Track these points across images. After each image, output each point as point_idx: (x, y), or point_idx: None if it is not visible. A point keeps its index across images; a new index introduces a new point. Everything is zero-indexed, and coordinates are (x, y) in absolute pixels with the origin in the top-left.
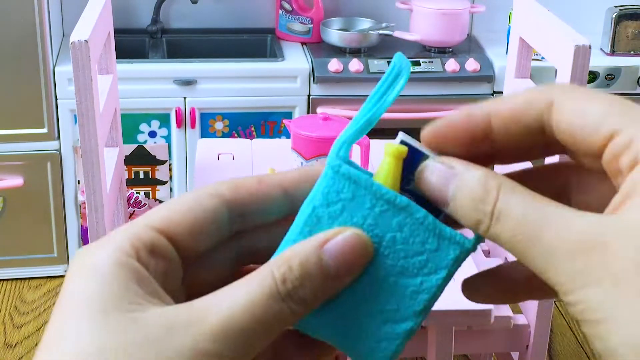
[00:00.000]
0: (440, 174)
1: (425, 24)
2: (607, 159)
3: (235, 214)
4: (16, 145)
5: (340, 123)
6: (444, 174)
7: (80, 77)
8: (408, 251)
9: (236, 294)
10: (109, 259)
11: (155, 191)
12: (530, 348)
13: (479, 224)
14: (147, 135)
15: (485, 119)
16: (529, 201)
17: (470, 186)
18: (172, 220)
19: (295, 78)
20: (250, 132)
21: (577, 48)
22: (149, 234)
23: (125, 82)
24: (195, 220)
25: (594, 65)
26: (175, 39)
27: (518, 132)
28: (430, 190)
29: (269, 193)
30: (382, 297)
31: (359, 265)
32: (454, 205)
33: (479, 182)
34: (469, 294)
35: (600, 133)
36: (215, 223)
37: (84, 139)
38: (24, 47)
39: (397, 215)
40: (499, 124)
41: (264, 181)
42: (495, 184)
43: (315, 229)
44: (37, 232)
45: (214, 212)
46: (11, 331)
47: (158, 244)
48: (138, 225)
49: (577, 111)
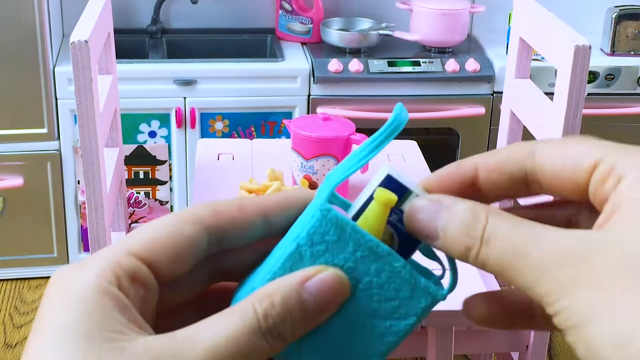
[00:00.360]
0: (429, 210)
1: (425, 24)
2: (592, 190)
3: (214, 239)
4: (16, 145)
5: (340, 123)
6: (433, 209)
7: (80, 77)
8: (382, 296)
9: (219, 327)
10: (91, 285)
11: (155, 191)
12: (530, 348)
13: (469, 250)
14: (147, 135)
15: (472, 169)
16: (517, 222)
17: (461, 216)
18: (153, 247)
19: (295, 78)
20: (250, 132)
21: (577, 48)
22: (130, 262)
23: (125, 82)
24: (175, 247)
25: (594, 65)
26: (175, 39)
27: (503, 180)
28: (419, 227)
29: (250, 219)
30: (351, 336)
31: (336, 304)
32: (444, 237)
33: (468, 211)
34: (468, 314)
35: (583, 167)
36: (195, 249)
37: (84, 139)
38: (24, 47)
39: (376, 261)
40: (485, 174)
41: (245, 207)
42: (484, 210)
43: (297, 265)
44: (37, 232)
45: (195, 239)
46: (11, 331)
47: (139, 272)
48: (119, 251)
49: (558, 154)
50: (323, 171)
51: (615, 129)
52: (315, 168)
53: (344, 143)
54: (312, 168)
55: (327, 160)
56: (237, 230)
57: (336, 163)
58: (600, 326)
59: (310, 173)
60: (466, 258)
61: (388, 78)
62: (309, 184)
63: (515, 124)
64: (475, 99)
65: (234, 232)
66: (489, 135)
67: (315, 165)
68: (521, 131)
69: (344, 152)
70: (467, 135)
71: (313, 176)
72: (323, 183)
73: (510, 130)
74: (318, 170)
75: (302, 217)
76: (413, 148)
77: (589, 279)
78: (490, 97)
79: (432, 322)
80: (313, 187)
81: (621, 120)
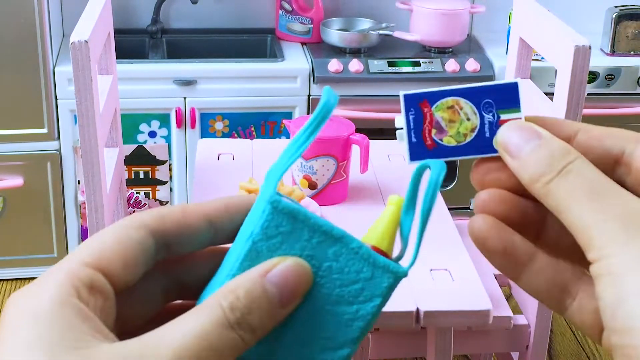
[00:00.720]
0: (526, 131)
1: (425, 24)
2: None
3: (160, 244)
4: (16, 145)
5: (339, 123)
6: (529, 132)
7: (80, 77)
8: (344, 280)
9: (187, 325)
10: (51, 299)
11: (155, 191)
12: (530, 348)
13: (542, 176)
14: (147, 136)
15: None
16: (599, 172)
17: (552, 147)
18: (104, 255)
19: (295, 78)
20: (250, 132)
21: (577, 48)
22: (86, 272)
23: (125, 82)
24: (126, 252)
25: (594, 65)
26: (175, 39)
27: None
28: (508, 141)
29: (194, 223)
30: (320, 326)
31: (301, 291)
32: (525, 158)
33: (561, 147)
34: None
35: None
36: (144, 253)
37: (84, 139)
38: (24, 47)
39: (333, 245)
40: (585, 138)
41: (188, 211)
42: (577, 153)
43: (255, 262)
44: (37, 232)
45: (142, 243)
46: None
47: (96, 281)
48: (73, 262)
49: None
50: (323, 171)
51: None
52: (314, 168)
53: (344, 143)
54: (311, 168)
55: (327, 160)
56: (182, 234)
57: (336, 163)
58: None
59: (310, 173)
60: (533, 183)
61: (388, 78)
62: (309, 184)
63: None
64: None
65: (180, 237)
66: None
67: (314, 166)
68: None
69: (344, 152)
70: None
71: (313, 176)
72: (265, 180)
73: None
74: (318, 171)
75: (250, 215)
76: None
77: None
78: None
79: (432, 322)
80: (313, 188)
81: (621, 121)
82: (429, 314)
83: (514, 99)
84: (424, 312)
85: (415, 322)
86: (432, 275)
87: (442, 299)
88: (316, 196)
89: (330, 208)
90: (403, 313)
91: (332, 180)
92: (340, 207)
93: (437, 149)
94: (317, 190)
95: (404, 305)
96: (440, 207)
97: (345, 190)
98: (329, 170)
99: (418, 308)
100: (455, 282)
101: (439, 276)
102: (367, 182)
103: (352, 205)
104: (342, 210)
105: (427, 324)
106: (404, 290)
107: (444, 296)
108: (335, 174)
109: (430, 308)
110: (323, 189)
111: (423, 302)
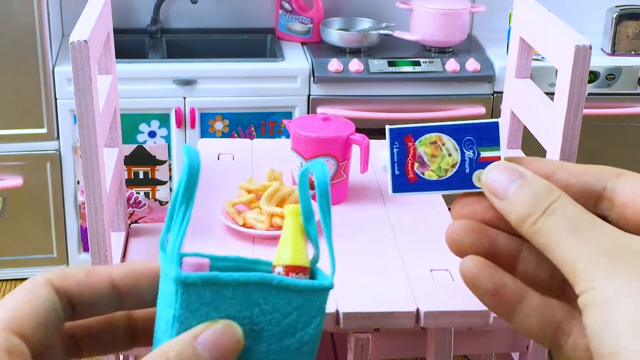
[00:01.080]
0: (510, 172)
1: (425, 24)
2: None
3: (64, 303)
4: (16, 145)
5: (340, 123)
6: (512, 173)
7: (79, 77)
8: (279, 317)
9: None
10: None
11: (155, 191)
12: (530, 348)
13: (528, 216)
14: (147, 136)
15: (552, 169)
16: (583, 209)
17: (536, 187)
18: (17, 316)
19: (295, 78)
20: (250, 132)
21: (577, 48)
22: (4, 336)
23: (125, 82)
24: (36, 311)
25: (595, 65)
26: (175, 38)
27: (577, 187)
28: (493, 183)
29: (96, 285)
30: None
31: (233, 354)
32: (512, 198)
33: (544, 185)
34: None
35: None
36: (54, 311)
37: (84, 139)
38: (24, 47)
39: (256, 290)
40: (564, 176)
41: (92, 273)
42: (558, 190)
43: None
44: (36, 233)
45: (50, 301)
46: None
47: (14, 345)
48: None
49: None
50: None
51: (616, 129)
52: None
53: (344, 143)
54: None
55: (327, 160)
56: (84, 295)
57: (336, 163)
58: (623, 308)
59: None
60: (521, 223)
61: (388, 78)
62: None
63: (516, 124)
64: (476, 99)
65: (82, 297)
66: None
67: None
68: (521, 131)
69: (344, 152)
70: None
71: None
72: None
73: (510, 130)
74: None
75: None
76: None
77: (628, 271)
78: (491, 97)
79: (432, 323)
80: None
81: (621, 120)
82: (429, 314)
83: (495, 138)
84: (424, 312)
85: (415, 322)
86: (432, 276)
87: (443, 299)
88: None
89: None
90: (403, 313)
91: (332, 180)
92: (340, 207)
93: (418, 182)
94: None
95: (404, 306)
96: (440, 208)
97: (345, 190)
98: (329, 170)
99: (418, 308)
100: (455, 282)
101: (439, 276)
102: (367, 182)
103: (352, 205)
104: (342, 210)
105: (427, 324)
106: (404, 291)
107: (445, 296)
108: (335, 173)
109: (430, 308)
110: None
111: (423, 302)
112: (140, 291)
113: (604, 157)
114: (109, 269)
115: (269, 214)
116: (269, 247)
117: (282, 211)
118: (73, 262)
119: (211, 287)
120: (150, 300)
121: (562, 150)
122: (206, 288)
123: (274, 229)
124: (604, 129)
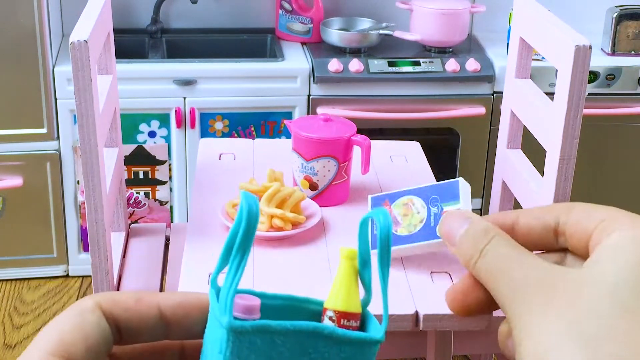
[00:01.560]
0: (459, 219)
1: (425, 24)
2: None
3: (113, 327)
4: (16, 145)
5: (341, 124)
6: (462, 220)
7: (79, 77)
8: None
9: None
10: None
11: (155, 191)
12: None
13: (470, 259)
14: (147, 136)
15: (515, 217)
16: (514, 247)
17: (476, 231)
18: (66, 342)
19: (295, 78)
20: (250, 132)
21: (577, 48)
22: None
23: (125, 82)
24: (86, 335)
25: (595, 65)
26: (175, 38)
27: (538, 228)
28: (447, 230)
29: (145, 313)
30: None
31: None
32: (459, 243)
33: (482, 229)
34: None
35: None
36: (103, 335)
37: (84, 139)
38: (24, 47)
39: (307, 338)
40: (525, 220)
41: (142, 301)
42: (494, 231)
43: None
44: (36, 233)
45: (100, 325)
46: (10, 332)
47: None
48: (36, 355)
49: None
50: (324, 172)
51: (616, 129)
52: (315, 169)
53: (345, 144)
54: (312, 169)
55: (328, 161)
56: (132, 322)
57: (337, 164)
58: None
59: (311, 174)
60: (467, 266)
61: (388, 78)
62: (310, 185)
63: (516, 124)
64: (476, 99)
65: (130, 324)
66: (490, 135)
67: (315, 166)
68: (521, 131)
69: (345, 153)
70: (468, 136)
71: (314, 177)
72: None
73: (510, 130)
74: (319, 172)
75: (210, 330)
76: (416, 149)
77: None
78: (491, 97)
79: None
80: (314, 189)
81: (621, 120)
82: (428, 317)
83: (455, 194)
84: (424, 315)
85: (414, 325)
86: (432, 278)
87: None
88: (317, 197)
89: (331, 209)
90: (402, 316)
91: (333, 181)
92: (341, 208)
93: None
94: (318, 191)
95: (403, 308)
96: None
97: (346, 191)
98: (330, 171)
99: (417, 311)
100: None
101: (439, 279)
102: (369, 183)
103: (353, 206)
104: (343, 212)
105: (426, 327)
106: (403, 293)
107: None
108: (336, 175)
109: (429, 311)
110: (324, 190)
111: (423, 305)
112: (189, 323)
113: (604, 157)
114: (159, 297)
115: (269, 215)
116: (268, 249)
117: (283, 212)
118: (73, 262)
119: (262, 335)
120: (198, 332)
121: (562, 150)
122: (257, 336)
123: (274, 230)
124: (604, 129)
